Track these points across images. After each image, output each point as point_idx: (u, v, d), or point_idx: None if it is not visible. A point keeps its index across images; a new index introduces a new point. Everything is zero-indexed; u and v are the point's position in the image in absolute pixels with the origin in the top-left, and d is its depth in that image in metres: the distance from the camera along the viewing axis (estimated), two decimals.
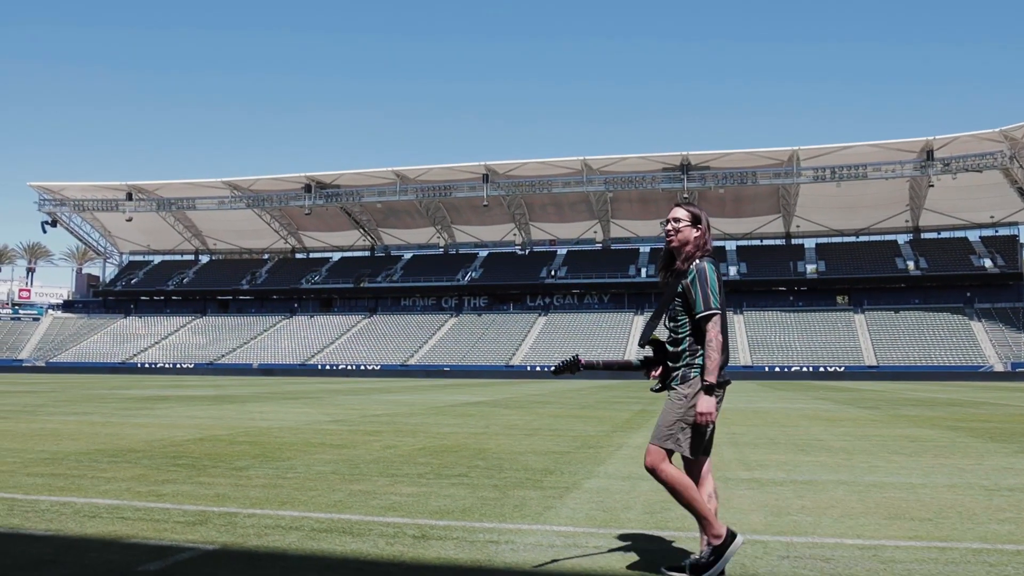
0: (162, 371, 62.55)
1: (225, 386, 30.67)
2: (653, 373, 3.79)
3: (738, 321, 66.17)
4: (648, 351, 3.83)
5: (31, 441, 9.26)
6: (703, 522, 3.59)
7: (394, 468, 7.14)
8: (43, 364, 65.55)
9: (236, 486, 6.00)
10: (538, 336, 66.91)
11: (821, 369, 56.64)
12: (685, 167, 64.09)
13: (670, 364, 3.73)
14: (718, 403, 3.61)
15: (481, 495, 5.72)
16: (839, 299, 68.79)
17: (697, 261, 3.68)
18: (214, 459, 7.67)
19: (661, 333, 3.83)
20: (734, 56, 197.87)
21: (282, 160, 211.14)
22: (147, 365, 64.61)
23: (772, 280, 69.83)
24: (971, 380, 50.06)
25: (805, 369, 56.80)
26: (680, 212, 3.81)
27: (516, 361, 62.27)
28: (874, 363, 56.94)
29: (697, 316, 3.60)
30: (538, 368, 60.17)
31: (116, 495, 5.57)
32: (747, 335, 63.54)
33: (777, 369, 57.40)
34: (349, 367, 62.37)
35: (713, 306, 3.58)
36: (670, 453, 3.62)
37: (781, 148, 61.69)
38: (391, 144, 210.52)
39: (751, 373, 56.32)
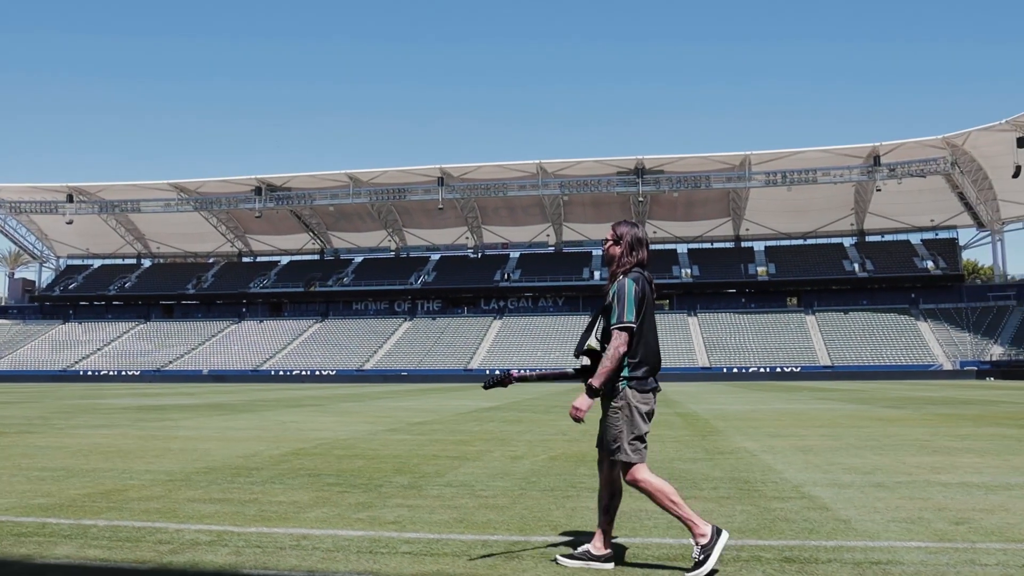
0: (107, 378, 60.02)
1: (199, 394, 29.26)
2: (589, 380, 3.84)
3: (692, 323, 66.95)
4: (584, 360, 3.93)
5: (114, 460, 8.38)
6: (687, 524, 3.75)
7: (578, 481, 6.60)
8: None
9: (452, 508, 5.39)
10: (495, 339, 66.48)
11: (778, 369, 57.56)
12: (640, 171, 64.49)
13: None
14: (650, 406, 3.82)
15: (742, 509, 5.26)
16: (789, 301, 70.24)
17: (621, 277, 3.86)
18: (361, 476, 6.99)
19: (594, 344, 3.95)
20: (691, 60, 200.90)
21: (232, 162, 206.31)
22: (90, 373, 61.89)
23: (724, 282, 70.86)
24: (925, 379, 51.54)
25: (763, 370, 57.66)
26: (609, 232, 4.03)
27: (475, 365, 61.69)
28: (828, 363, 58.14)
29: (611, 327, 3.75)
30: (498, 372, 59.59)
31: (345, 524, 4.89)
32: (703, 337, 64.25)
33: (735, 370, 58.12)
34: (304, 372, 60.88)
35: (626, 320, 3.73)
36: (626, 466, 3.77)
37: (734, 153, 62.71)
38: (345, 147, 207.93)
39: (710, 375, 56.93)
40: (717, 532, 3.72)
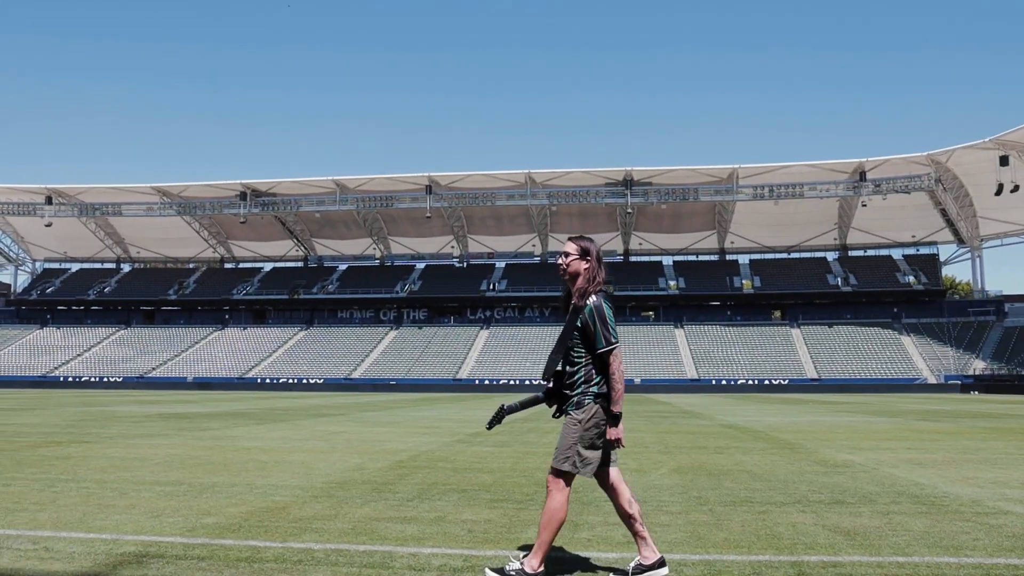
0: (89, 384, 58.77)
1: (200, 401, 28.61)
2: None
3: (679, 335, 67.09)
4: (551, 383, 4.02)
5: (219, 474, 8.03)
6: (638, 541, 3.93)
7: (741, 495, 6.40)
8: None
9: (663, 527, 5.18)
10: (483, 349, 66.12)
11: (766, 382, 57.86)
12: (628, 182, 64.56)
13: (567, 392, 3.94)
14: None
15: (961, 527, 5.10)
16: (774, 314, 70.77)
17: (593, 297, 3.88)
18: (512, 492, 6.76)
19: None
20: (681, 71, 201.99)
21: (217, 167, 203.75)
22: (71, 379, 60.51)
23: (710, 295, 71.15)
24: (912, 392, 52.12)
25: (751, 382, 57.90)
26: (570, 247, 4.05)
27: (463, 375, 61.30)
28: (815, 376, 58.57)
29: (599, 351, 3.83)
30: (487, 382, 59.37)
31: (581, 546, 4.67)
32: (690, 349, 64.39)
33: (724, 382, 58.28)
34: (291, 380, 60.07)
35: (613, 341, 3.84)
36: (569, 476, 3.83)
37: (722, 166, 62.92)
38: (332, 154, 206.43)
39: (699, 386, 57.06)
40: (661, 562, 3.89)
